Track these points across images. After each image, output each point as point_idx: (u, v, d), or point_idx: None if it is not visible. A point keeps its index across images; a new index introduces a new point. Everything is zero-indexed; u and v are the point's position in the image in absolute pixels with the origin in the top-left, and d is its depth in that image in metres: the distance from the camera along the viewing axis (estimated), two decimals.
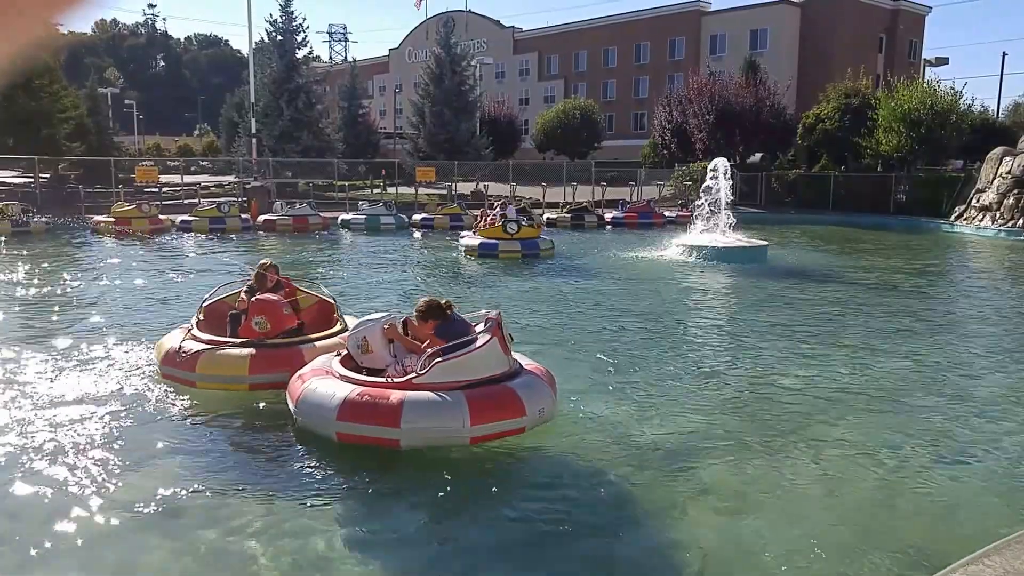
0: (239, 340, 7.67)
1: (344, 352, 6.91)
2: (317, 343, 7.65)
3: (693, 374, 8.67)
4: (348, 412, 5.98)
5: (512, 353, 6.67)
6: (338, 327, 8.13)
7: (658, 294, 14.57)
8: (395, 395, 6.00)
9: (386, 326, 6.83)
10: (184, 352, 7.46)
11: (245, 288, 8.31)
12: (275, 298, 7.99)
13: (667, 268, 18.07)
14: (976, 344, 10.49)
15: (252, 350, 7.42)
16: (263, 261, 8.58)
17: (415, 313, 6.73)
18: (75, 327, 10.65)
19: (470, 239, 19.91)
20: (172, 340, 7.80)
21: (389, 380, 6.37)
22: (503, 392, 6.19)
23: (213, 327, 8.05)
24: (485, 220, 21.33)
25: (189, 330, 7.88)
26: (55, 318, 11.38)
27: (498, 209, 22.00)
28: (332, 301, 8.80)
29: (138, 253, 20.13)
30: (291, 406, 6.48)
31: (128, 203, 26.52)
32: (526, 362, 6.85)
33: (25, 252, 19.61)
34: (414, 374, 6.25)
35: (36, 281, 14.86)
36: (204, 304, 8.37)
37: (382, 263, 18.75)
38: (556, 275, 16.56)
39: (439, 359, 6.22)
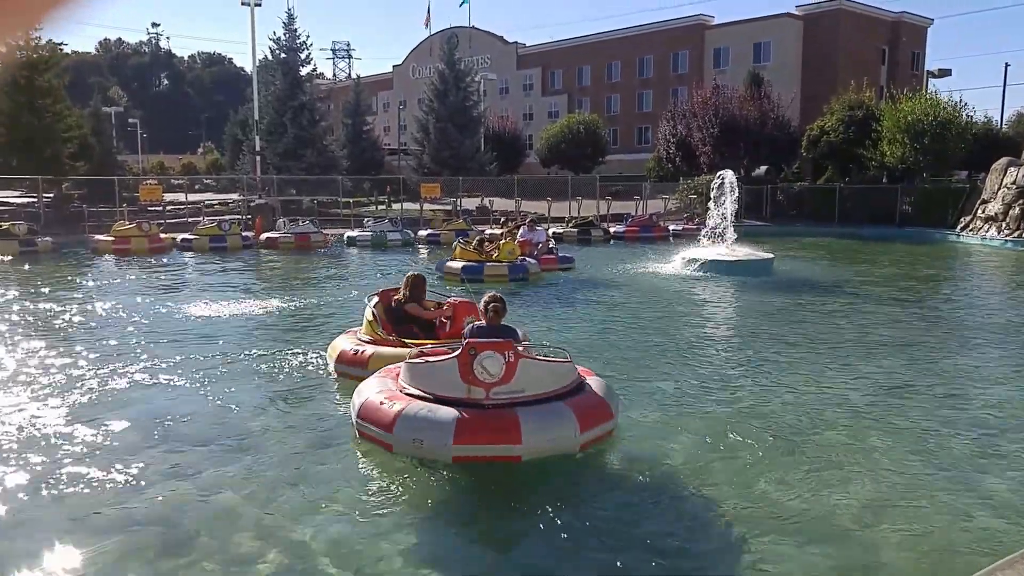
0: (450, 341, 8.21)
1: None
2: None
3: (698, 388, 8.58)
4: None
5: (486, 386, 5.94)
6: None
7: (666, 308, 14.48)
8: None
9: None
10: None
11: (407, 297, 8.87)
12: (470, 301, 8.70)
13: (674, 281, 17.99)
14: (985, 356, 10.39)
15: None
16: (410, 273, 9.10)
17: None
18: (80, 349, 10.61)
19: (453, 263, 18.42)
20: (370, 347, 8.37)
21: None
22: (384, 412, 6.09)
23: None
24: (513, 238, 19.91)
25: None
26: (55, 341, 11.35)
27: (524, 227, 21.46)
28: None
29: (134, 272, 20.11)
30: None
31: (129, 222, 26.48)
32: (574, 400, 6.24)
33: (32, 270, 19.63)
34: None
35: (55, 302, 14.86)
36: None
37: (384, 276, 18.68)
38: (563, 290, 16.49)
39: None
